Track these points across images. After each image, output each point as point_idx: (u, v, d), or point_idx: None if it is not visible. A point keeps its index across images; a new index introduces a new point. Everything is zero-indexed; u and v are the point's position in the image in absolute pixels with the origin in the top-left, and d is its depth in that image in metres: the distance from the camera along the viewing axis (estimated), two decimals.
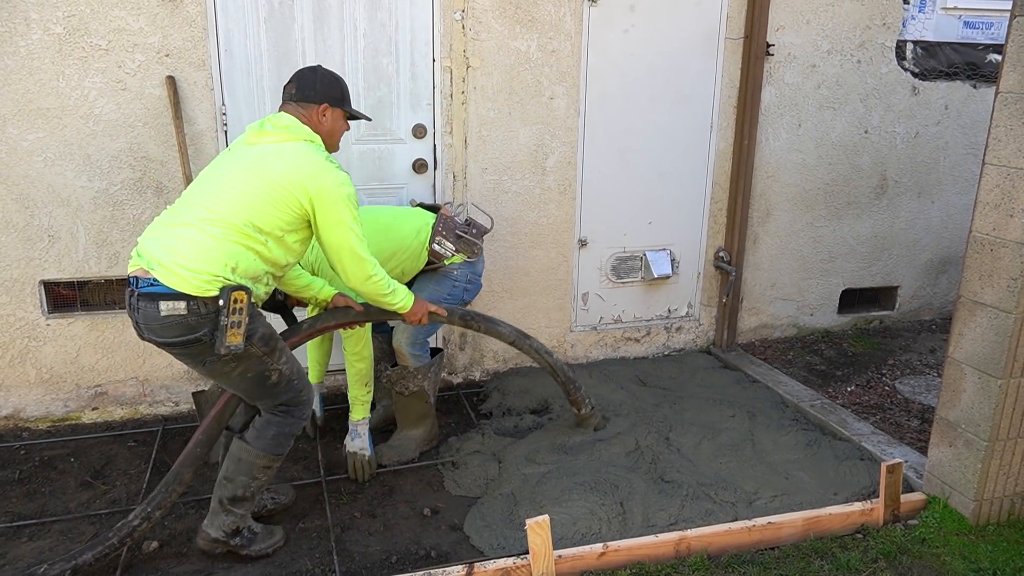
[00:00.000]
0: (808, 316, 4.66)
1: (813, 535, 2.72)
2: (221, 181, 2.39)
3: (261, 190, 2.35)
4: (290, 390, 2.53)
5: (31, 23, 3.07)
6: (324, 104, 2.58)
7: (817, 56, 4.19)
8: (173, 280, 2.25)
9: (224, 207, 2.33)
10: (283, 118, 2.51)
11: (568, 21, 3.72)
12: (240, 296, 2.29)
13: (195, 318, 2.26)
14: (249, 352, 2.37)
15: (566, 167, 3.93)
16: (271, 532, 2.71)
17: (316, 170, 2.40)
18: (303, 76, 2.61)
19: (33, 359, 3.42)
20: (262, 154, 2.42)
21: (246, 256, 2.34)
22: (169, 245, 2.30)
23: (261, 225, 2.35)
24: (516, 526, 2.78)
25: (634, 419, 3.50)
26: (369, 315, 2.85)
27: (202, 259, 2.27)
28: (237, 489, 2.54)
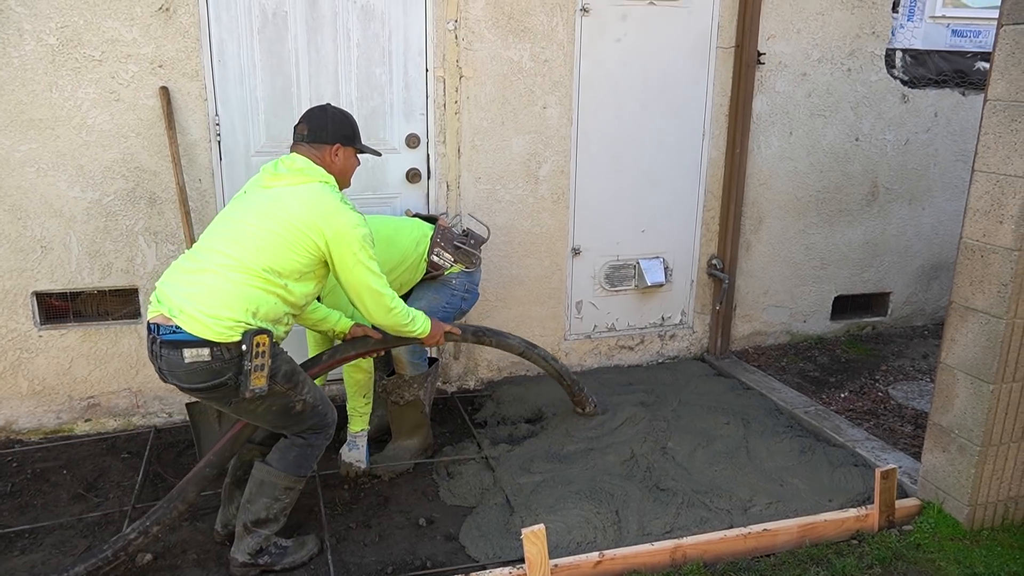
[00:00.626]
0: (801, 323, 4.67)
1: (809, 542, 2.73)
2: (239, 226, 2.43)
3: (278, 235, 2.39)
4: (315, 415, 2.57)
5: (24, 34, 3.07)
6: (337, 144, 2.62)
7: (808, 64, 4.22)
8: (196, 328, 2.28)
9: (243, 253, 2.37)
10: (297, 160, 2.54)
11: (560, 31, 3.74)
12: (263, 340, 2.33)
13: (219, 363, 2.30)
14: (274, 391, 2.41)
15: (559, 176, 3.94)
16: (302, 543, 2.72)
17: (331, 212, 2.44)
18: (313, 116, 2.63)
19: (25, 370, 3.40)
20: (278, 197, 2.46)
21: (267, 300, 2.38)
22: (190, 292, 2.33)
23: (280, 269, 2.40)
24: (512, 535, 2.78)
25: (628, 428, 3.51)
26: (387, 342, 2.88)
27: (223, 305, 2.31)
28: (260, 512, 2.55)
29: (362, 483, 3.17)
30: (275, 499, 2.56)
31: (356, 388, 3.12)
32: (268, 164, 2.58)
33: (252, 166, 3.48)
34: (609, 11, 3.81)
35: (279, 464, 2.55)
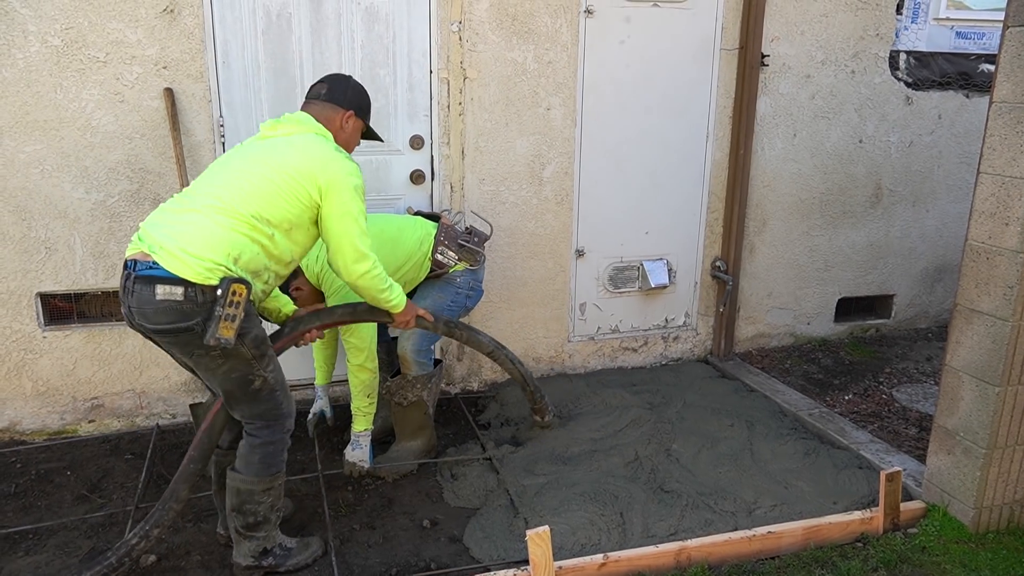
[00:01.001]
0: (805, 325, 4.67)
1: (813, 544, 2.72)
2: (231, 172, 2.38)
3: (271, 180, 2.34)
4: (271, 400, 2.46)
5: (29, 35, 3.08)
6: (351, 111, 2.62)
7: (812, 66, 4.22)
8: (174, 264, 2.21)
9: (233, 197, 2.31)
10: (300, 115, 2.53)
11: (564, 33, 3.74)
12: (239, 289, 2.24)
13: (190, 305, 2.22)
14: (239, 351, 2.32)
15: (563, 177, 3.94)
16: (307, 544, 2.70)
17: (327, 159, 2.40)
18: (336, 79, 2.65)
19: (29, 371, 3.40)
20: (273, 146, 2.43)
21: (250, 248, 2.31)
22: (174, 231, 2.27)
23: (269, 216, 2.34)
24: (516, 537, 2.77)
25: (633, 429, 3.50)
26: (356, 315, 2.80)
27: (206, 246, 2.24)
28: (248, 517, 2.51)
29: (366, 484, 3.17)
30: (257, 503, 2.50)
31: (361, 388, 3.12)
32: (270, 119, 2.57)
33: None
34: (613, 13, 3.81)
35: (248, 470, 2.48)
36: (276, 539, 2.60)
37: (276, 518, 2.59)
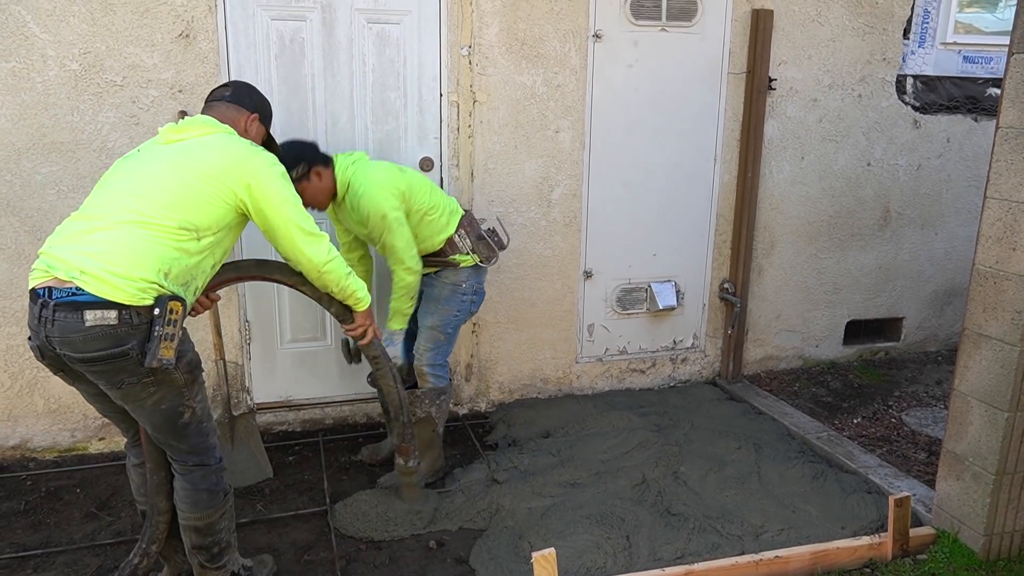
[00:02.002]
0: (813, 347, 4.66)
1: (821, 569, 2.70)
2: (142, 181, 2.21)
3: (193, 187, 2.20)
4: (199, 434, 2.34)
5: (48, 60, 3.14)
6: (256, 114, 2.52)
7: (819, 90, 4.24)
8: (102, 288, 2.04)
9: (153, 208, 2.15)
10: (202, 117, 2.41)
11: (573, 56, 3.78)
12: (176, 307, 2.12)
13: (125, 328, 2.06)
14: (172, 377, 2.18)
15: (571, 199, 3.97)
16: (262, 562, 2.70)
17: (246, 154, 2.30)
18: (239, 83, 2.58)
19: (41, 389, 3.44)
20: (187, 149, 2.28)
21: (179, 260, 2.17)
22: (93, 251, 2.08)
23: (197, 223, 2.20)
24: (522, 559, 2.77)
25: (640, 452, 3.50)
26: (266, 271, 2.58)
27: (135, 264, 2.08)
28: (212, 549, 2.43)
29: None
30: (217, 531, 2.42)
31: (404, 289, 3.10)
32: (167, 124, 2.40)
33: None
34: (621, 37, 3.85)
35: (196, 509, 2.37)
36: (238, 561, 2.56)
37: (233, 538, 2.52)
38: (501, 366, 4.06)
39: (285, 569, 2.76)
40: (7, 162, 3.19)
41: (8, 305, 3.32)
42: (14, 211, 3.24)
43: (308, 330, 3.75)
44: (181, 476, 2.37)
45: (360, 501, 3.09)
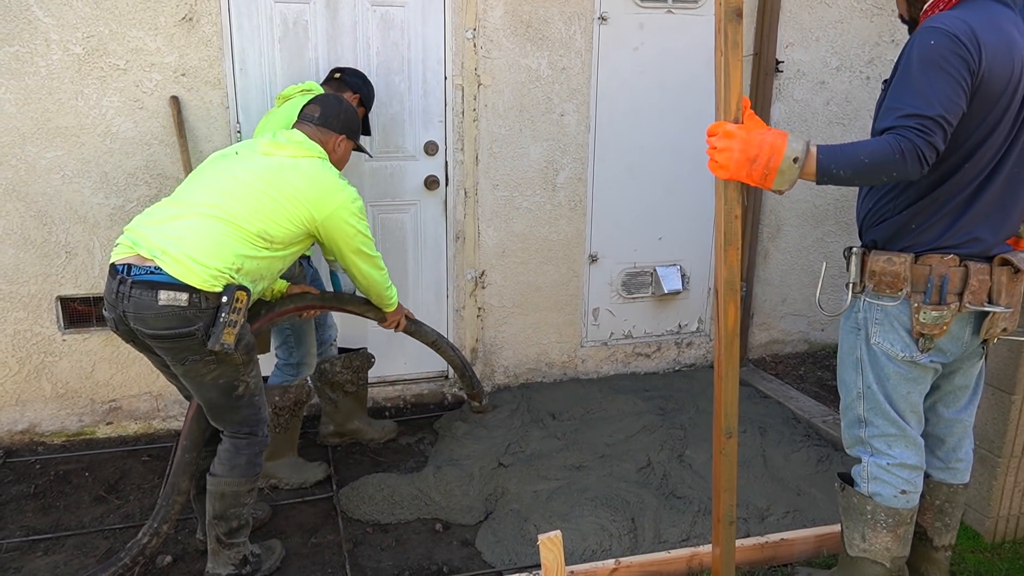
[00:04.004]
0: (819, 332, 4.65)
1: (826, 552, 2.71)
2: (234, 184, 2.41)
3: (277, 202, 2.40)
4: (251, 407, 2.48)
5: (51, 44, 3.13)
6: (343, 136, 2.71)
7: (826, 73, 4.21)
8: (178, 270, 2.23)
9: (238, 210, 2.35)
10: (297, 135, 2.57)
11: (578, 39, 3.76)
12: (242, 296, 2.29)
13: (193, 311, 2.24)
14: (231, 357, 2.35)
15: (576, 183, 3.95)
16: (270, 548, 2.72)
17: (332, 188, 2.50)
18: (329, 103, 2.71)
19: (49, 374, 3.46)
20: (279, 166, 2.47)
21: (251, 261, 2.36)
22: (176, 235, 2.28)
23: (273, 234, 2.40)
24: (527, 542, 2.78)
25: (645, 435, 3.50)
26: (324, 300, 2.93)
27: (212, 254, 2.27)
28: (232, 522, 2.51)
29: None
30: (241, 504, 2.51)
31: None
32: (267, 134, 2.64)
33: None
34: (627, 19, 3.82)
35: (232, 473, 2.48)
36: (248, 547, 2.60)
37: (251, 522, 2.61)
38: (506, 350, 4.07)
39: (293, 552, 2.78)
40: (12, 147, 3.19)
41: (15, 290, 3.33)
42: (20, 196, 3.24)
43: None
44: (229, 439, 2.50)
45: (366, 484, 3.11)
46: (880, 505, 2.17)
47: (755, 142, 1.83)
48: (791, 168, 1.84)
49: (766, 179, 1.84)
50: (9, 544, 2.79)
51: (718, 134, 1.87)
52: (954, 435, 2.26)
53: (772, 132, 1.84)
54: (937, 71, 1.83)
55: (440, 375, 4.05)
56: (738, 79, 1.83)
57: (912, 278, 2.02)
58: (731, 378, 2.03)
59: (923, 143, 1.81)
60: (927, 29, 1.88)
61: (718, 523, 2.17)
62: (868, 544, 2.21)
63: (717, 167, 1.86)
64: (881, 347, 2.10)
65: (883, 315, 2.08)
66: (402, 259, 3.82)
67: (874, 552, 2.21)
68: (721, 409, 2.05)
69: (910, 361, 2.07)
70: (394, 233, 3.78)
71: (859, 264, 2.12)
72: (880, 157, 1.82)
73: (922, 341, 2.04)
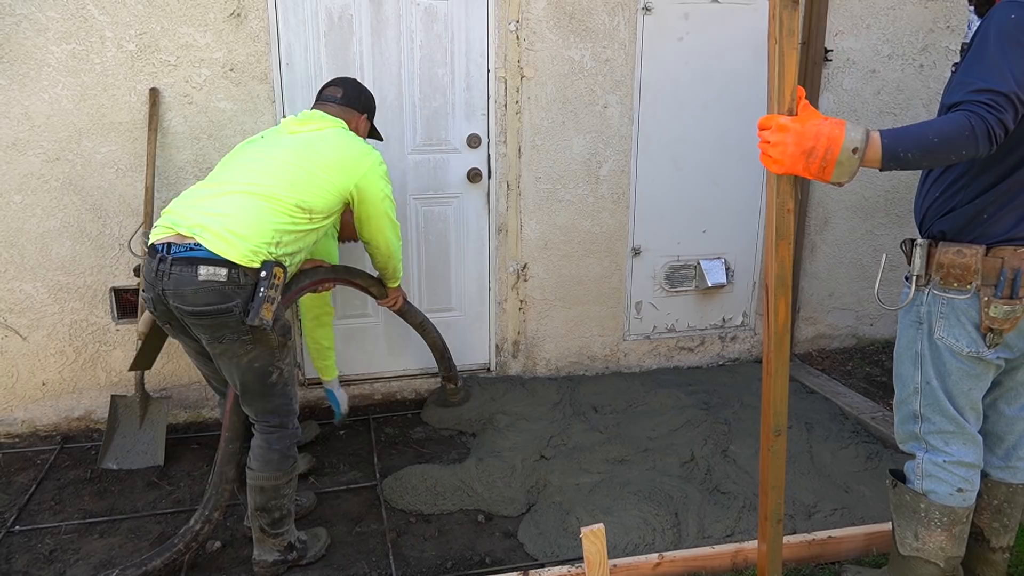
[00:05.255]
0: (868, 326, 4.55)
1: (876, 551, 2.66)
2: (268, 162, 2.50)
3: (313, 173, 2.49)
4: (284, 395, 2.51)
5: (106, 41, 3.21)
6: (365, 115, 2.90)
7: (877, 61, 4.10)
8: (219, 246, 2.25)
9: (275, 185, 2.42)
10: (320, 113, 2.72)
11: (622, 30, 3.72)
12: (279, 272, 2.33)
13: (232, 287, 2.26)
14: (267, 338, 2.36)
15: (619, 176, 3.92)
16: (316, 535, 2.77)
17: (360, 153, 2.63)
18: (350, 84, 2.88)
19: (103, 363, 3.56)
20: (308, 141, 2.59)
21: (289, 235, 2.42)
22: (216, 212, 2.33)
23: (312, 205, 2.47)
24: (569, 534, 2.78)
25: (688, 430, 3.47)
26: (337, 273, 2.99)
27: (252, 229, 2.31)
28: (273, 513, 2.55)
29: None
30: (281, 496, 2.54)
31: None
32: (291, 116, 2.76)
33: None
34: (671, 10, 3.77)
35: (268, 468, 2.50)
36: (294, 533, 2.64)
37: (294, 509, 2.65)
38: (548, 343, 4.06)
39: (338, 540, 2.82)
40: (69, 142, 3.28)
41: (72, 281, 3.43)
42: (76, 190, 3.34)
43: (357, 307, 3.80)
44: (260, 435, 2.53)
45: (410, 475, 3.13)
46: (934, 503, 2.12)
47: (810, 134, 1.74)
48: (850, 159, 1.75)
49: (824, 172, 1.76)
50: (68, 526, 2.88)
51: (771, 127, 1.78)
52: (1014, 433, 2.19)
53: (829, 122, 1.75)
54: (1014, 45, 1.75)
55: (482, 367, 4.07)
56: (793, 68, 1.75)
57: (983, 270, 1.96)
58: (781, 375, 1.98)
59: (994, 120, 1.72)
60: (1007, 4, 1.81)
61: (765, 521, 2.14)
62: (921, 543, 2.16)
63: (770, 162, 1.79)
64: (945, 342, 2.04)
65: (949, 309, 2.02)
66: (444, 252, 3.84)
67: (927, 551, 2.16)
68: (770, 406, 2.01)
69: (975, 357, 2.01)
70: (437, 226, 3.80)
71: (924, 256, 2.06)
72: (950, 136, 1.74)
73: (990, 336, 1.98)
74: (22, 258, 3.36)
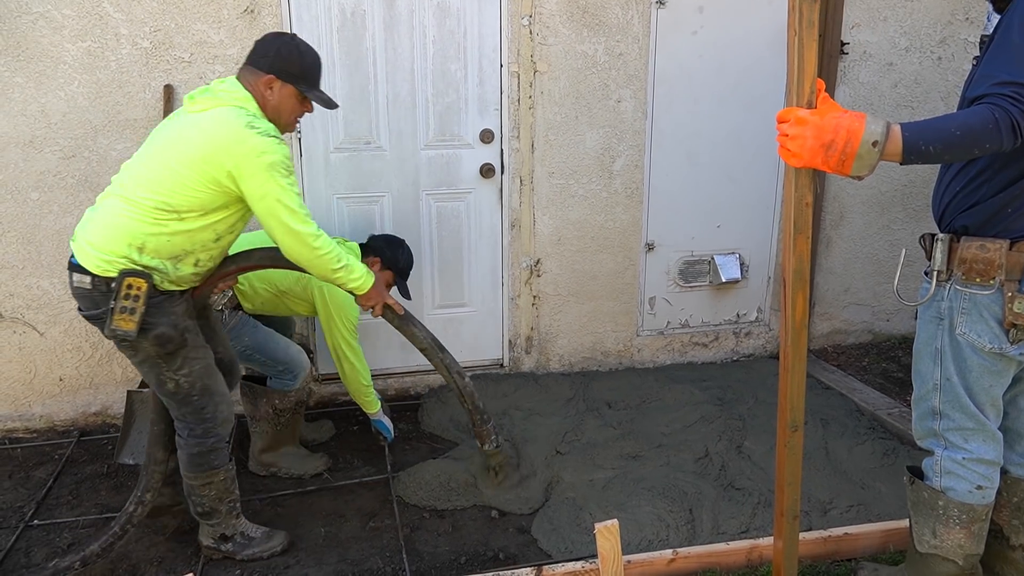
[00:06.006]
0: (884, 322, 4.51)
1: (893, 548, 2.63)
2: (138, 157, 2.34)
3: (174, 169, 2.21)
4: (188, 405, 2.41)
5: (121, 38, 3.23)
6: (271, 75, 2.32)
7: (895, 54, 4.06)
8: (80, 255, 2.27)
9: (136, 185, 2.25)
10: (226, 82, 2.34)
11: (636, 24, 3.70)
12: (138, 284, 2.21)
13: (97, 294, 2.26)
14: (142, 347, 2.30)
15: (633, 170, 3.90)
16: (270, 536, 2.70)
17: (232, 140, 2.19)
18: (263, 41, 2.39)
19: (119, 359, 3.58)
20: (182, 127, 2.28)
21: (156, 237, 2.24)
22: (89, 219, 2.32)
23: (176, 204, 2.22)
24: (583, 530, 2.78)
25: (702, 425, 3.45)
26: (276, 261, 2.51)
27: (106, 237, 2.25)
28: (197, 506, 2.56)
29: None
30: (199, 495, 2.53)
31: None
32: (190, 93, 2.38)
33: (331, 162, 3.58)
34: (685, 3, 3.75)
35: (183, 466, 2.50)
36: (237, 527, 2.63)
37: (228, 508, 2.60)
38: (561, 339, 4.06)
39: (352, 535, 2.83)
40: (85, 139, 3.31)
41: None
42: (92, 187, 3.36)
43: None
44: (176, 432, 2.52)
45: (423, 470, 3.14)
46: (953, 500, 2.10)
47: (829, 127, 1.72)
48: (870, 153, 1.72)
49: (843, 165, 1.74)
50: (85, 520, 2.91)
51: (789, 120, 1.76)
52: None
53: (848, 115, 1.73)
54: None
55: (495, 363, 4.07)
56: (813, 60, 1.72)
57: (1007, 265, 1.93)
58: (798, 371, 1.97)
59: (1018, 112, 1.69)
60: None
61: (781, 517, 2.12)
62: (939, 540, 2.14)
63: (789, 155, 1.77)
64: (967, 338, 2.01)
65: (971, 304, 1.99)
66: (457, 248, 3.84)
67: (945, 549, 2.14)
68: (787, 402, 1.99)
69: (997, 353, 1.98)
70: (450, 221, 3.80)
71: (946, 251, 2.03)
72: (973, 129, 1.71)
73: (1013, 332, 1.95)
74: (39, 255, 3.39)
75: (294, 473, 3.21)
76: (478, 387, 3.77)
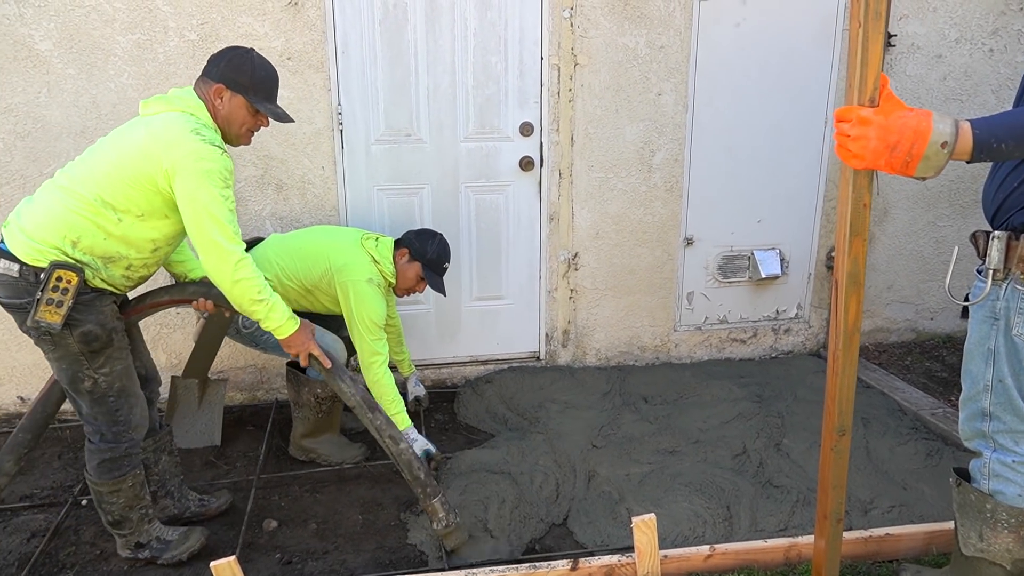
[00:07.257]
0: (928, 320, 4.42)
1: (936, 550, 2.59)
2: (91, 151, 2.29)
3: (114, 164, 2.20)
4: (102, 405, 2.34)
5: (168, 31, 3.29)
6: (220, 85, 2.33)
7: (944, 46, 3.96)
8: (11, 242, 2.21)
9: (83, 177, 2.22)
10: (180, 91, 2.34)
11: (678, 16, 3.67)
12: (68, 276, 2.17)
13: (24, 283, 2.19)
14: (66, 343, 2.24)
15: (673, 164, 3.87)
16: (186, 536, 2.63)
17: (173, 141, 2.17)
18: (222, 51, 2.40)
19: (164, 344, 3.66)
20: (133, 126, 2.27)
21: (92, 233, 2.21)
22: (28, 206, 2.26)
23: (113, 201, 2.20)
24: (619, 524, 2.77)
25: (740, 422, 3.43)
26: (208, 296, 2.49)
27: (41, 227, 2.19)
28: (106, 515, 2.49)
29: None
30: (109, 503, 2.46)
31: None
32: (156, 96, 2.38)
33: (372, 154, 3.61)
34: None
35: (91, 471, 2.42)
36: (152, 533, 2.57)
37: (139, 516, 2.53)
38: (598, 332, 4.05)
39: (389, 524, 2.86)
40: None
41: None
42: None
43: None
44: (86, 436, 2.44)
45: (459, 461, 3.16)
46: (1001, 504, 2.05)
47: (895, 128, 1.63)
48: (938, 154, 1.65)
49: (908, 167, 1.66)
50: None
51: (851, 120, 1.66)
52: None
53: (915, 114, 1.64)
54: None
55: (532, 355, 4.07)
56: (878, 55, 1.62)
57: None
58: (848, 374, 1.92)
59: None
60: None
61: (824, 519, 2.10)
62: (986, 544, 2.10)
63: (850, 156, 1.68)
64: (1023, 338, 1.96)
65: None
66: (495, 240, 3.85)
67: (992, 553, 2.09)
68: (835, 405, 1.96)
69: None
70: (488, 214, 3.81)
71: (1003, 249, 1.98)
72: None
73: None
74: None
75: (333, 461, 3.25)
76: (514, 379, 3.82)
